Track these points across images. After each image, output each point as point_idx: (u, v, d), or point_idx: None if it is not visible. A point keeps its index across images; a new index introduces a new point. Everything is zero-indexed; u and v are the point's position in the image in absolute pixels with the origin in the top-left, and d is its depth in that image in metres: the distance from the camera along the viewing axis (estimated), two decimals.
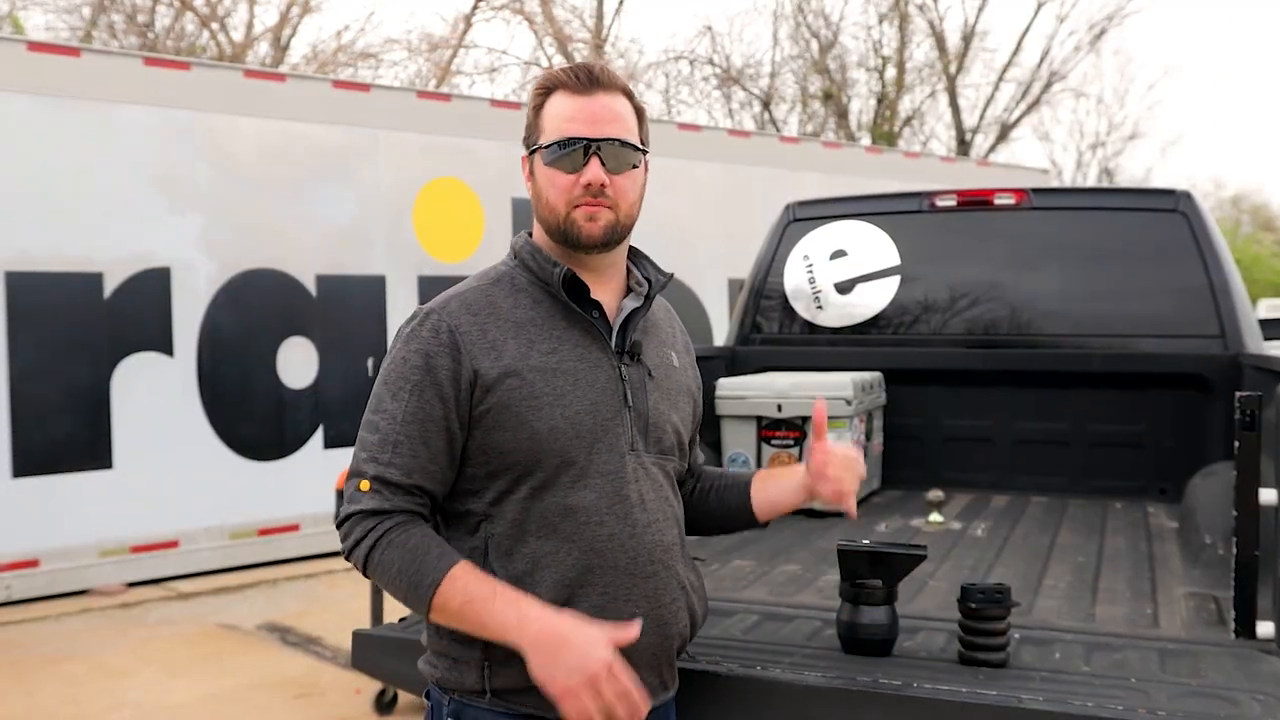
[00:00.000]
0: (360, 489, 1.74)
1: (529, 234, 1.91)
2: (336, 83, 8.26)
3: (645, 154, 1.86)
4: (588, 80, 1.82)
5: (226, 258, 7.27)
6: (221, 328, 7.24)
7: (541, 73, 1.97)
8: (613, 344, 1.85)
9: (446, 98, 8.96)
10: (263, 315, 7.43)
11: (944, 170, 12.50)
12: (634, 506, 1.80)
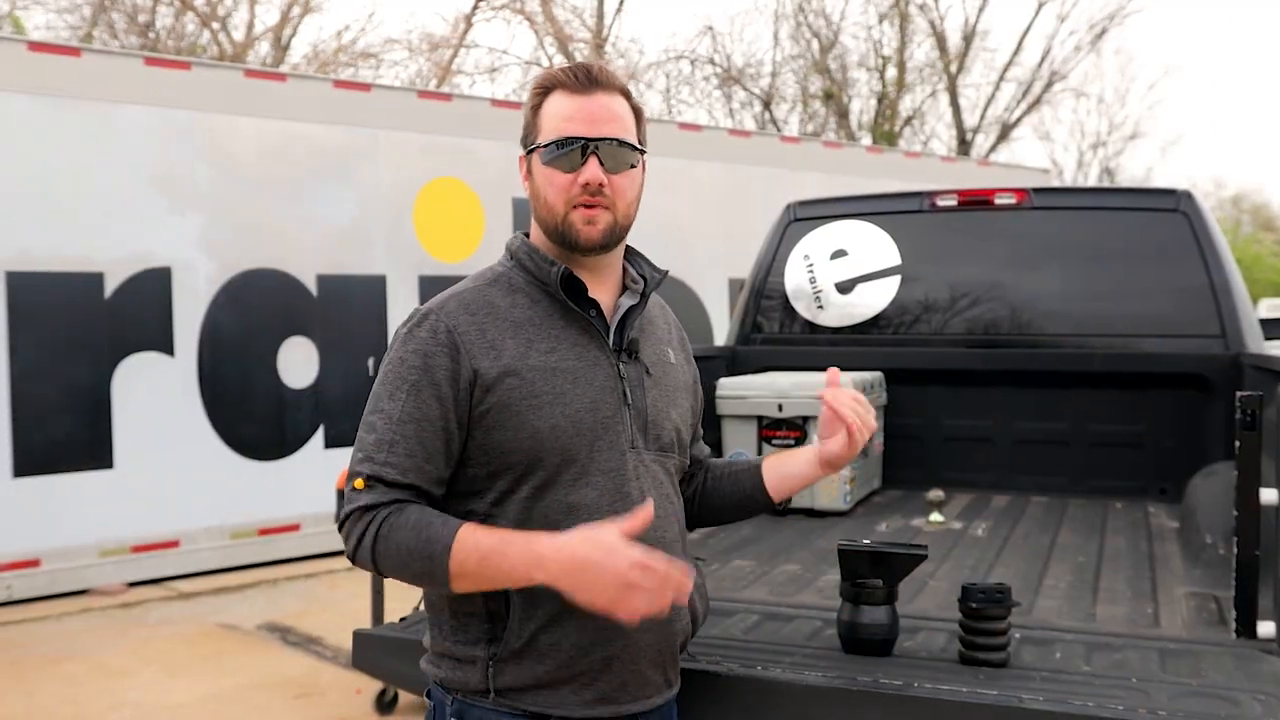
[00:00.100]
0: (355, 488, 1.74)
1: (525, 234, 1.91)
2: (337, 82, 8.26)
3: (643, 154, 1.87)
4: (586, 80, 1.82)
5: (227, 257, 7.27)
6: (222, 327, 7.24)
7: (540, 72, 1.96)
8: (610, 342, 1.85)
9: (447, 98, 8.96)
10: (263, 315, 7.43)
11: (945, 170, 12.49)
12: (635, 504, 1.79)
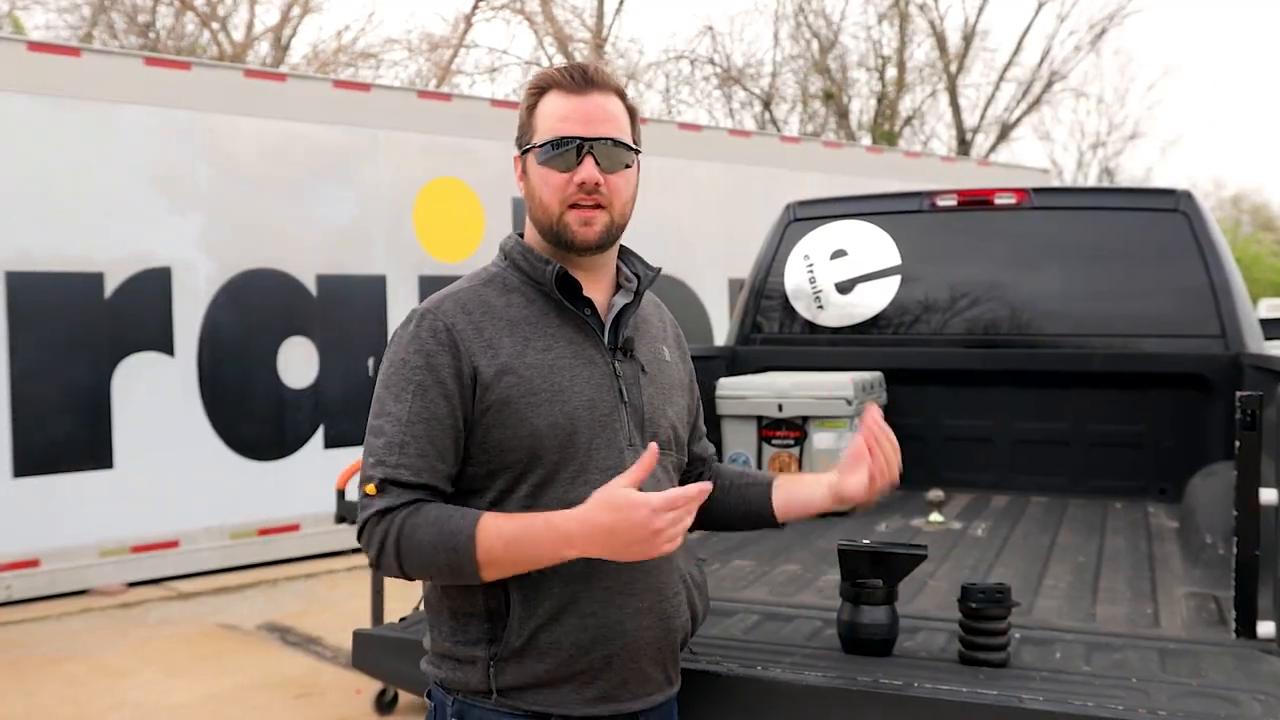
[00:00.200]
0: (368, 493, 1.74)
1: (519, 235, 1.92)
2: (337, 83, 8.27)
3: (638, 154, 1.87)
4: (581, 80, 1.82)
5: (227, 258, 7.27)
6: (222, 328, 7.24)
7: (535, 73, 1.95)
8: (605, 341, 1.85)
9: (447, 98, 8.96)
10: (263, 315, 7.43)
11: (944, 170, 12.49)
12: None
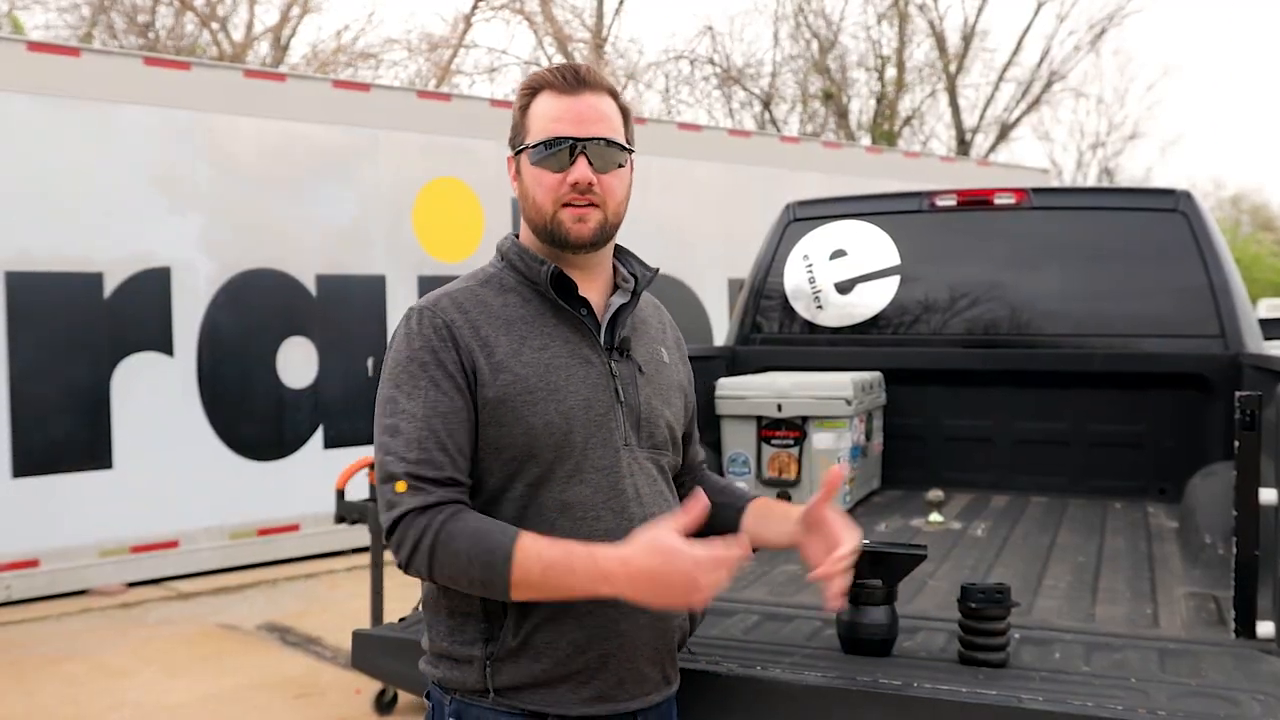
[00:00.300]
0: (397, 490, 1.70)
1: (515, 235, 1.92)
2: (336, 83, 8.27)
3: (631, 153, 1.87)
4: (574, 80, 1.82)
5: (226, 258, 7.28)
6: (221, 328, 7.24)
7: (528, 73, 1.96)
8: (601, 340, 1.85)
9: (446, 98, 8.96)
10: (263, 315, 7.44)
11: (944, 170, 12.50)
12: (630, 501, 1.80)
